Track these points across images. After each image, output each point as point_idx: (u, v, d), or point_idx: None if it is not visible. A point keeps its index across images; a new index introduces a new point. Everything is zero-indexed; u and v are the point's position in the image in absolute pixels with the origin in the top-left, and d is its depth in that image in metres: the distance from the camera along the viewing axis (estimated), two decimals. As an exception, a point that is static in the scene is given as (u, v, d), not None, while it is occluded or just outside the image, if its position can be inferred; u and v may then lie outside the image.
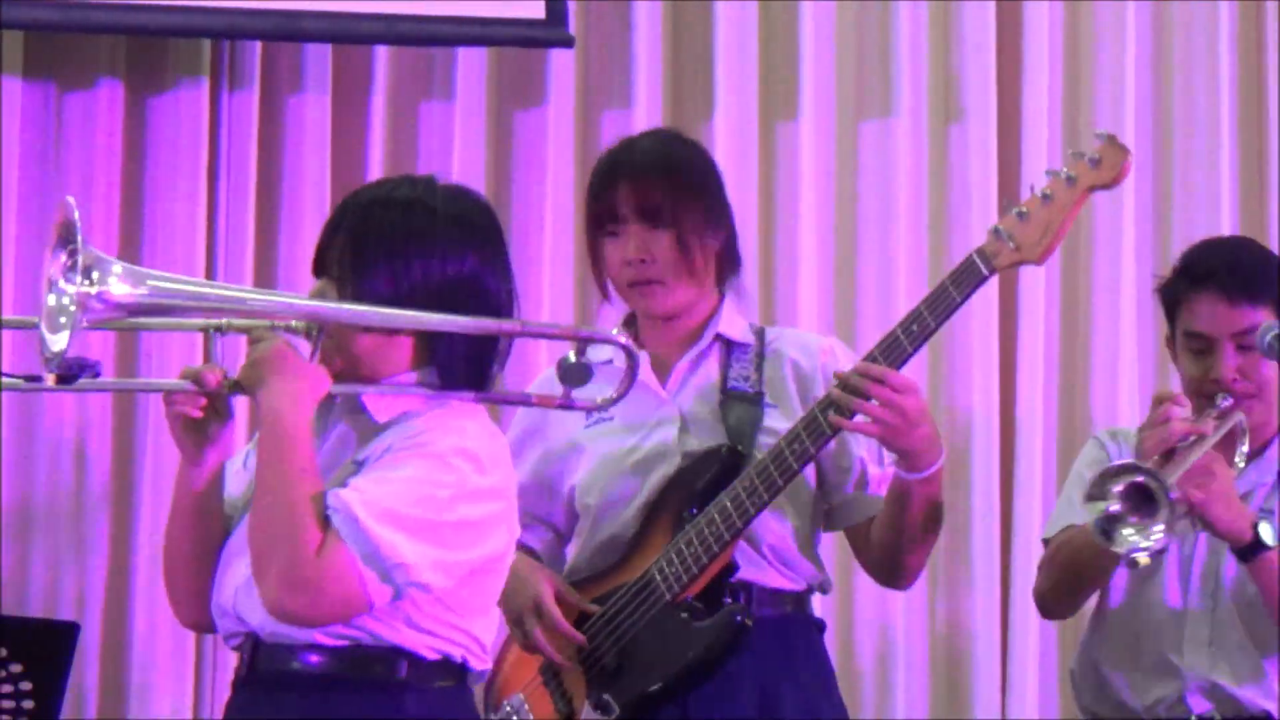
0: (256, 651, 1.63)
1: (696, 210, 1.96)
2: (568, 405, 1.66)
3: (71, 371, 1.51)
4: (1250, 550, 2.06)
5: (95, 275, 1.47)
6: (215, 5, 2.69)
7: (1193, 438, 2.00)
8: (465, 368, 1.64)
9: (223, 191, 2.69)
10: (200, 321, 1.65)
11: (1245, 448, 2.14)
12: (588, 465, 2.01)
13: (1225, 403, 2.08)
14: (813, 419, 1.89)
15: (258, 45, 2.71)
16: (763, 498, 1.91)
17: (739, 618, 1.98)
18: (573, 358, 1.58)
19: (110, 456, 2.71)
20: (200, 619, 1.71)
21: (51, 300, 1.47)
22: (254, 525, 1.57)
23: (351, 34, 2.76)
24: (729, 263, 2.04)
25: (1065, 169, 1.85)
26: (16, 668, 2.48)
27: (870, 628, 2.76)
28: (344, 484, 1.55)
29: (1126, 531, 1.92)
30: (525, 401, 1.91)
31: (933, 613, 2.77)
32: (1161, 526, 1.92)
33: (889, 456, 1.93)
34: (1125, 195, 2.75)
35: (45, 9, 2.70)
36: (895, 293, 2.72)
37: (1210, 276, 2.13)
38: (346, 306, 1.58)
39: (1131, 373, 2.84)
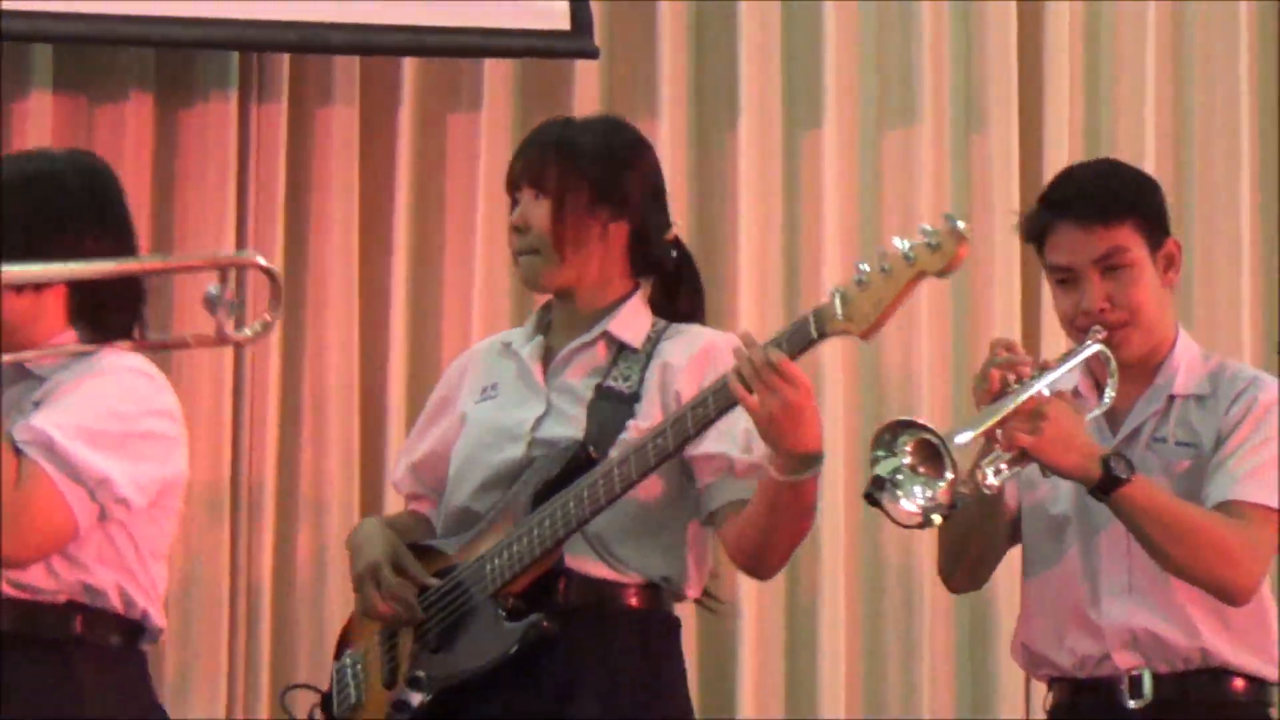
0: None
1: (580, 184, 1.95)
2: (223, 341, 1.64)
3: None
4: (1103, 487, 1.94)
5: None
6: (243, 18, 2.73)
7: (1015, 380, 1.90)
8: (117, 317, 1.70)
9: (252, 203, 2.72)
10: None
11: (1113, 379, 2.03)
12: (464, 435, 2.02)
13: (1098, 335, 1.99)
14: (679, 417, 1.86)
15: (286, 58, 2.75)
16: (599, 502, 1.88)
17: (544, 624, 1.96)
18: (214, 290, 1.58)
19: None
20: None
21: None
22: None
23: (379, 46, 2.79)
24: (640, 256, 2.01)
25: (907, 245, 1.77)
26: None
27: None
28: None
29: (916, 488, 1.84)
30: (183, 345, 2.01)
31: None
32: (943, 484, 1.82)
33: (760, 448, 1.87)
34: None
35: (75, 22, 2.74)
36: (917, 302, 2.75)
37: (1065, 205, 2.03)
38: None
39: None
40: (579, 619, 1.96)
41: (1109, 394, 1.99)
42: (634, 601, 1.99)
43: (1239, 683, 2.05)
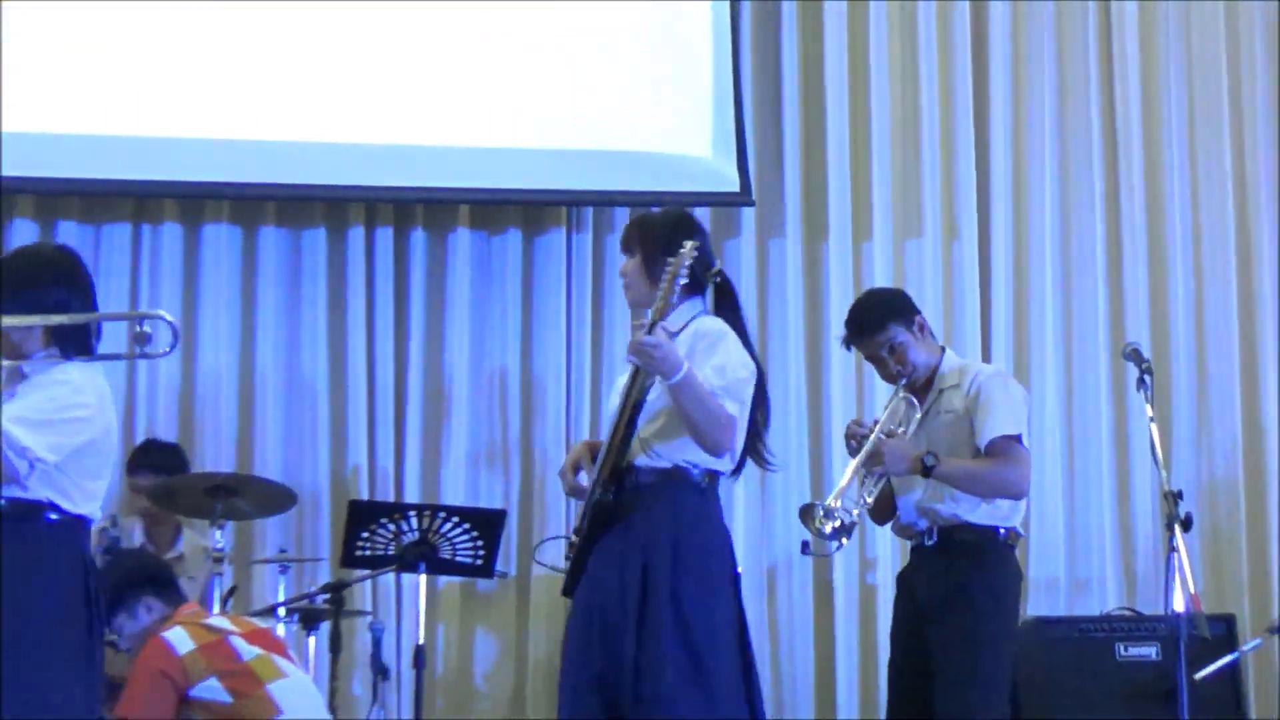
0: None
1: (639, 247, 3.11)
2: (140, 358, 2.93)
3: None
4: (925, 473, 3.36)
5: None
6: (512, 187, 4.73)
7: (859, 440, 3.39)
8: (72, 344, 2.86)
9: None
10: None
11: (922, 404, 3.49)
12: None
13: (902, 383, 3.48)
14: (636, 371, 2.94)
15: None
16: (621, 420, 2.94)
17: (600, 496, 3.01)
18: (136, 330, 2.77)
19: None
20: None
21: None
22: None
23: (600, 200, 4.84)
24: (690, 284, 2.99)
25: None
26: (475, 534, 4.23)
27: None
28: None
29: (828, 530, 3.34)
30: (118, 357, 3.04)
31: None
32: (827, 527, 3.32)
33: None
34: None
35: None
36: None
37: (846, 332, 3.60)
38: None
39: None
40: (641, 491, 2.98)
41: (919, 412, 3.49)
42: (665, 477, 3.00)
43: (979, 531, 3.51)
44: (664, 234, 3.07)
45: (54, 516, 2.93)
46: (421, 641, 4.34)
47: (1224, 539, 5.13)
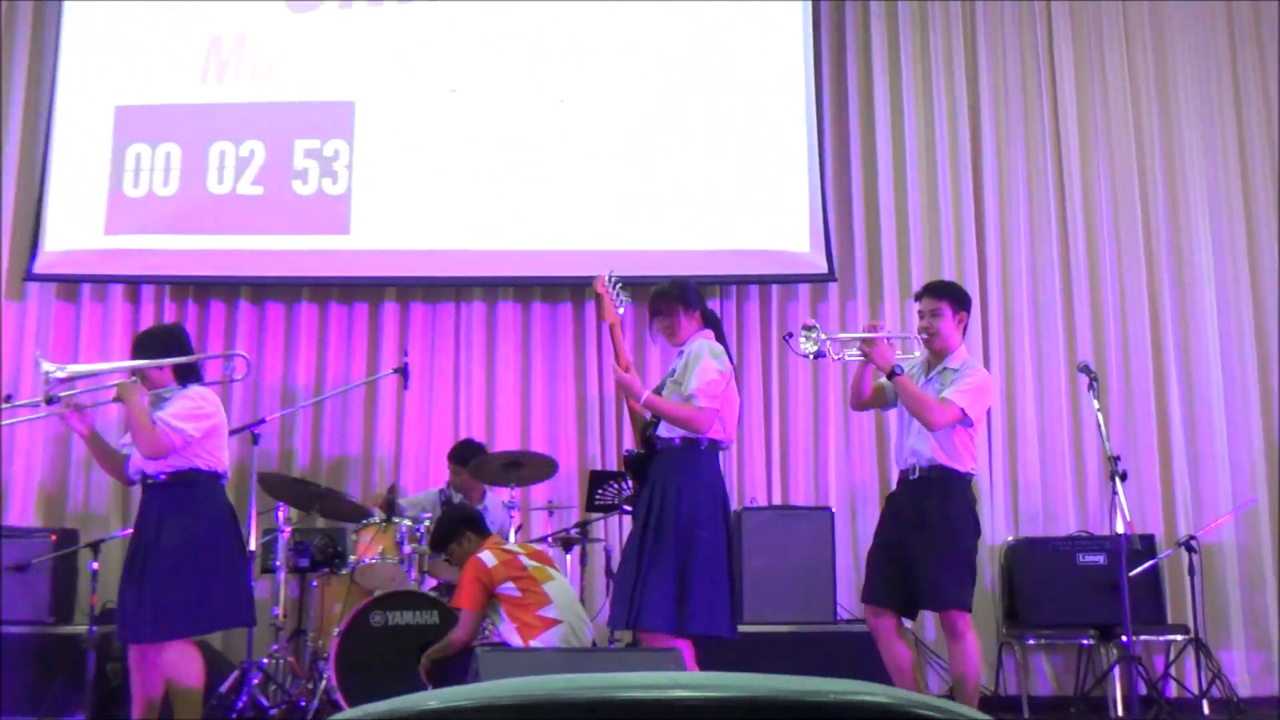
0: (145, 482, 4.09)
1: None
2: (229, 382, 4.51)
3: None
4: (889, 376, 4.02)
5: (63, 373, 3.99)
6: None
7: (871, 329, 4.04)
8: (190, 376, 4.15)
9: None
10: (116, 378, 4.17)
11: (928, 371, 4.09)
12: None
13: (923, 337, 4.16)
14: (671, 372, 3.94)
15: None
16: (660, 400, 3.79)
17: (628, 452, 3.93)
18: (231, 361, 4.83)
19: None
20: (120, 476, 4.18)
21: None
22: (135, 439, 3.99)
23: (711, 279, 6.34)
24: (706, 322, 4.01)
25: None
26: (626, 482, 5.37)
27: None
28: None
29: (806, 343, 3.90)
30: (214, 382, 4.32)
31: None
32: (813, 347, 3.86)
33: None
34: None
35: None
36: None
37: (922, 288, 4.26)
38: (140, 363, 4.12)
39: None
40: (661, 453, 3.88)
41: (929, 369, 4.07)
42: (678, 443, 3.86)
43: (946, 471, 4.09)
44: (674, 301, 4.08)
45: (204, 477, 4.15)
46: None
47: (1145, 485, 6.32)
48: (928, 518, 4.04)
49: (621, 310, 3.86)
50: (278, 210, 6.46)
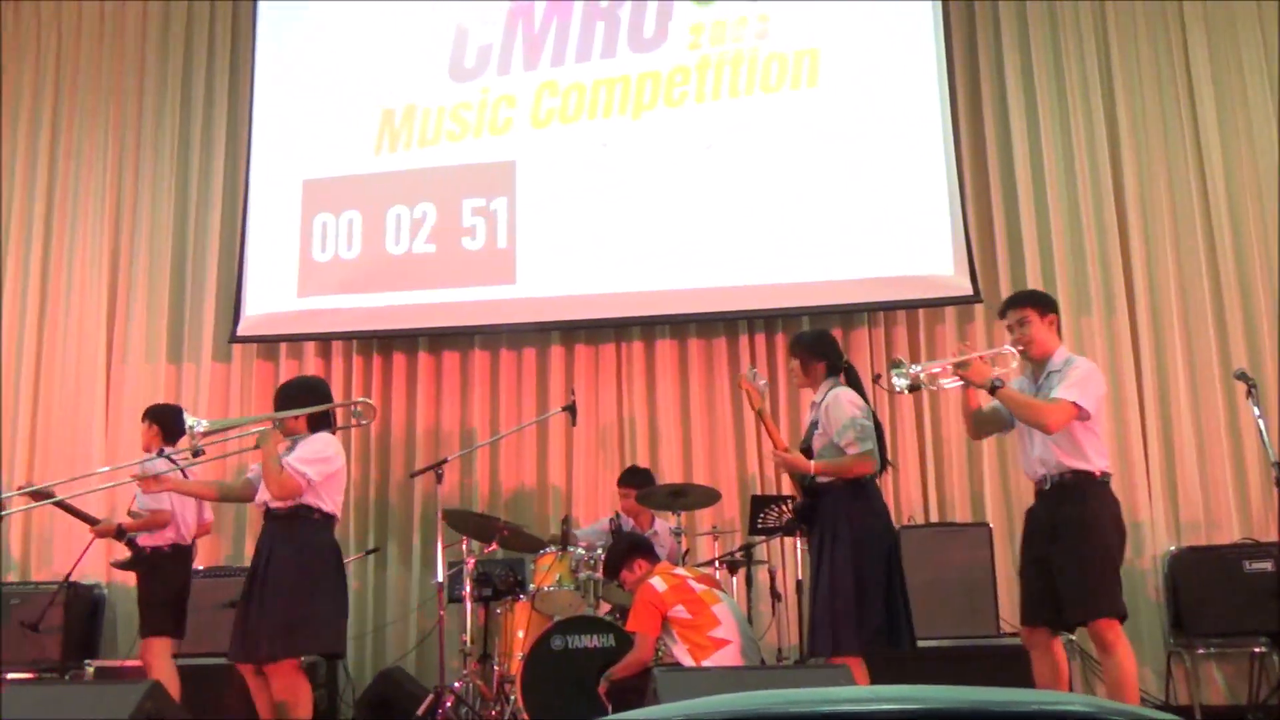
0: (267, 510, 4.37)
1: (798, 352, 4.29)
2: (355, 426, 4.69)
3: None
4: (991, 391, 3.94)
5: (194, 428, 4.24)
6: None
7: (964, 353, 3.92)
8: (322, 424, 4.45)
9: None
10: (253, 430, 4.49)
11: (1036, 380, 3.99)
12: None
13: (1019, 349, 4.02)
14: (814, 422, 4.18)
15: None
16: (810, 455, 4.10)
17: (797, 505, 4.10)
18: (355, 408, 4.51)
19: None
20: (246, 499, 4.57)
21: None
22: (265, 480, 4.29)
23: (844, 309, 6.56)
24: (830, 368, 4.22)
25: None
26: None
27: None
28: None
29: (898, 379, 3.89)
30: (344, 427, 4.59)
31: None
32: (904, 381, 3.86)
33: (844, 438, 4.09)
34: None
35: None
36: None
37: (1003, 305, 4.13)
38: (278, 415, 4.44)
39: None
40: (825, 495, 4.06)
41: (1023, 368, 3.97)
42: (839, 486, 4.02)
43: (1079, 474, 3.94)
44: (804, 350, 4.36)
45: (317, 516, 4.37)
46: (801, 577, 5.71)
47: (1308, 494, 5.57)
48: (1062, 528, 3.96)
49: (764, 395, 4.17)
50: (450, 265, 6.91)
